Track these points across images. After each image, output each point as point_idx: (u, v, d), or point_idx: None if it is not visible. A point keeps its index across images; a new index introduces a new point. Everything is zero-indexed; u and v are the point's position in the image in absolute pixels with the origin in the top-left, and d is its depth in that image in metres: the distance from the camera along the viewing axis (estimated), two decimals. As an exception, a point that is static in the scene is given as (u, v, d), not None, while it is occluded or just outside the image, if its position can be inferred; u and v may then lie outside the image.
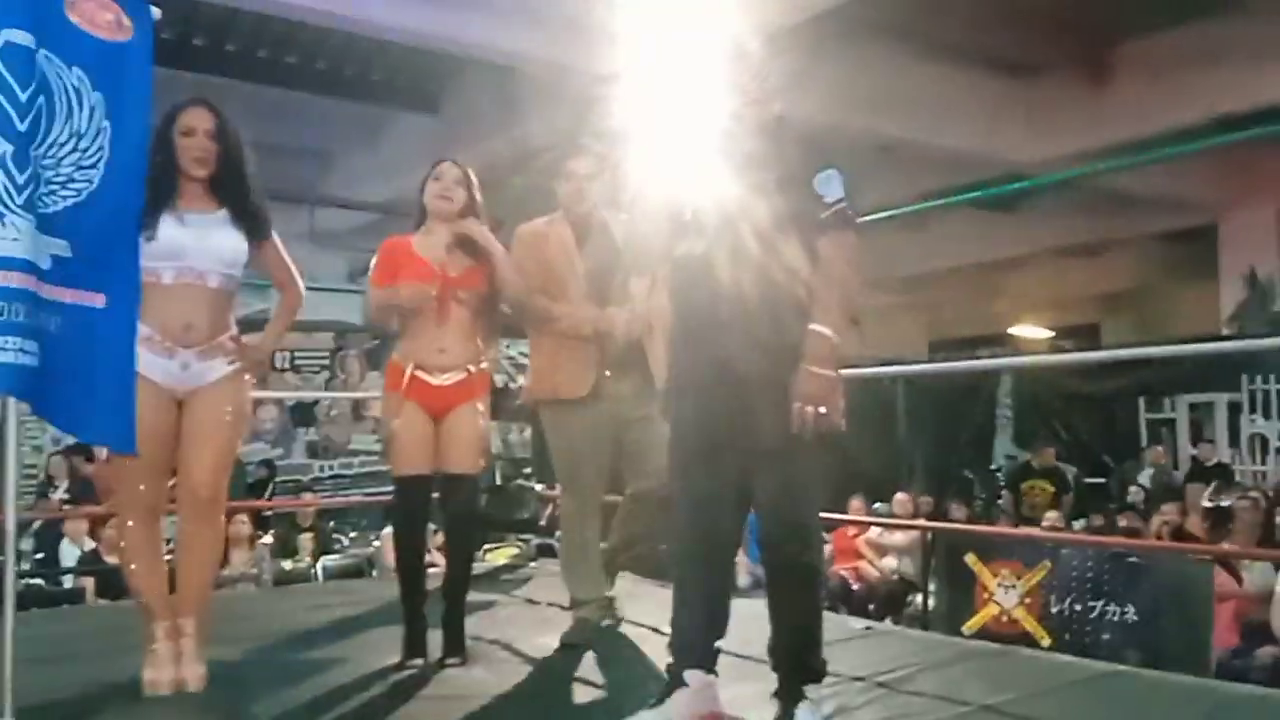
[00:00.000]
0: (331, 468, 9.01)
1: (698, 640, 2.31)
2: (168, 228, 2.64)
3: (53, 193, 2.41)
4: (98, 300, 2.48)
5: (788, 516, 2.30)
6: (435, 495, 3.11)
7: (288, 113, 9.62)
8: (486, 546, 5.61)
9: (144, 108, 2.61)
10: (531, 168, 7.66)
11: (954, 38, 8.56)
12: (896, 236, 12.24)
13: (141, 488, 2.66)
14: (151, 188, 2.64)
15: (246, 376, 2.80)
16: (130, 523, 2.71)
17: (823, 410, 2.16)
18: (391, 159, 10.18)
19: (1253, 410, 9.92)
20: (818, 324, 2.20)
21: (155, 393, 2.62)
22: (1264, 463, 9.80)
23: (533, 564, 4.81)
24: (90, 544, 5.98)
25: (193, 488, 2.67)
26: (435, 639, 2.97)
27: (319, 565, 6.39)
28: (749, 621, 2.40)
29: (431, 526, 3.39)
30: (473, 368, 3.03)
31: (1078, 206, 11.60)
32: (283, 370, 8.56)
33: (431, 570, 3.14)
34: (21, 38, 2.29)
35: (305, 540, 6.66)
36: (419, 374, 2.97)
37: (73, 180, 2.45)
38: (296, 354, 8.66)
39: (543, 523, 5.04)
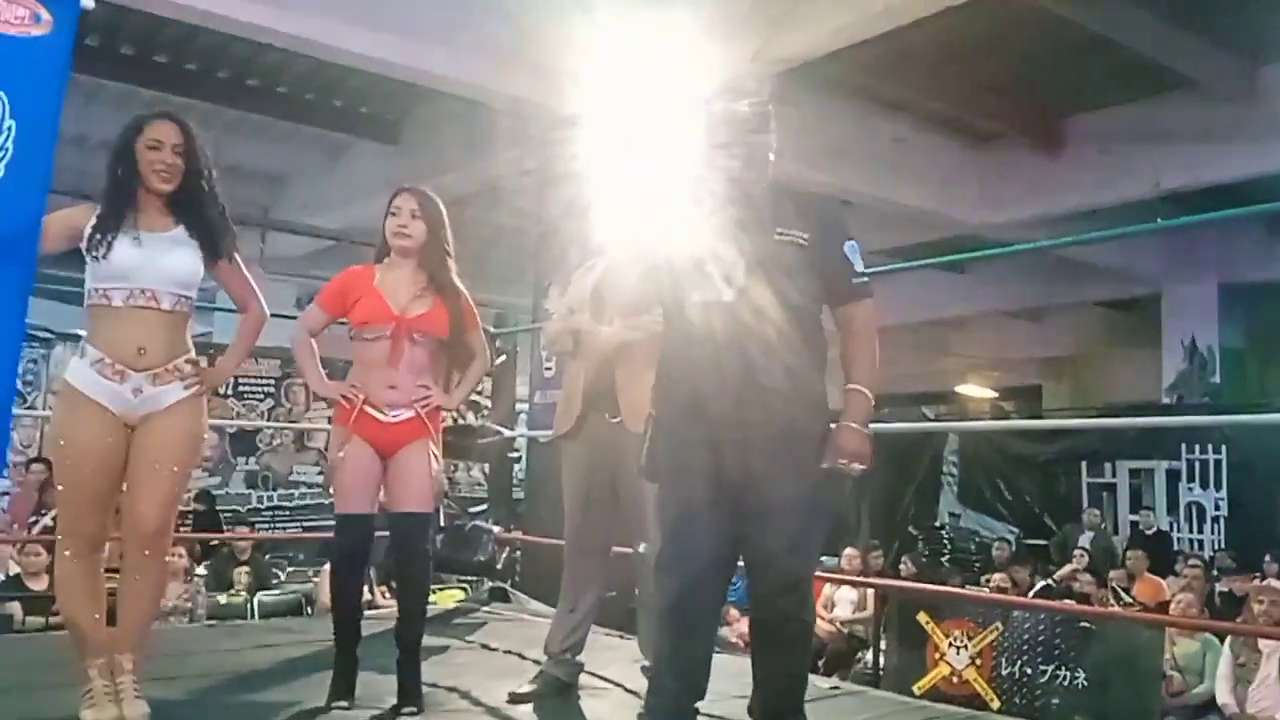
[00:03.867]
0: (271, 499, 8.73)
1: (675, 705, 2.23)
2: (122, 247, 2.50)
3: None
4: None
5: (786, 573, 2.24)
6: (384, 533, 3.00)
7: (244, 134, 9.46)
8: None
9: (55, 105, 2.48)
10: (497, 204, 7.65)
11: (913, 100, 8.74)
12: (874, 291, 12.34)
13: (83, 517, 2.51)
14: (108, 203, 2.52)
15: (204, 402, 2.68)
16: (68, 553, 2.54)
17: (861, 467, 2.22)
18: (348, 186, 10.04)
19: (1190, 479, 10.13)
20: (857, 384, 2.27)
21: (104, 418, 2.48)
22: (1200, 531, 9.99)
23: (485, 609, 4.66)
24: (15, 568, 5.68)
25: (139, 519, 2.52)
26: (380, 682, 2.84)
27: (254, 600, 6.16)
28: (724, 679, 2.33)
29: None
30: (423, 407, 2.93)
31: (1024, 271, 11.88)
32: (225, 396, 8.31)
33: (372, 612, 3.03)
34: None
35: (241, 574, 6.42)
36: (368, 410, 2.87)
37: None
38: (240, 380, 8.44)
39: (499, 566, 4.90)
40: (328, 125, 9.41)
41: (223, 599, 6.10)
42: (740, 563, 2.35)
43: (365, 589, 5.26)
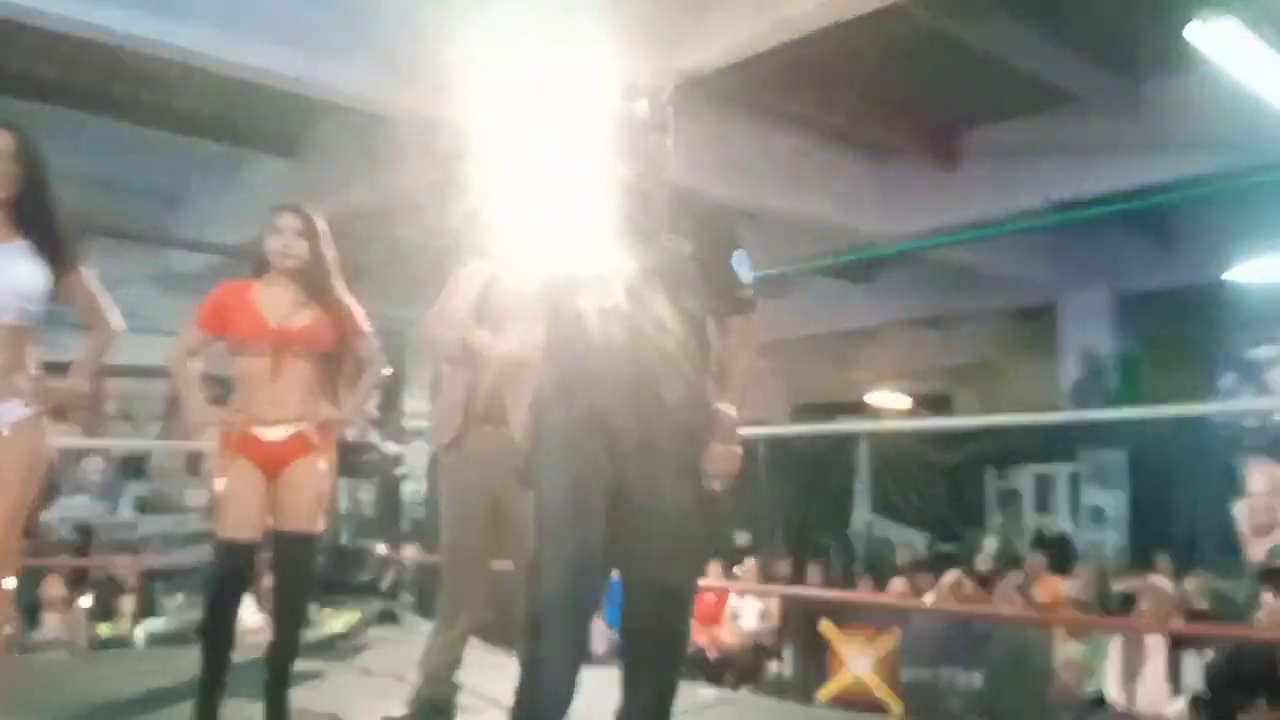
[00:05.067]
0: (164, 523, 8.44)
1: (540, 717, 2.17)
2: None
3: None
4: None
5: (667, 582, 2.20)
6: (270, 555, 2.92)
7: (138, 149, 9.15)
8: (325, 611, 5.31)
9: None
10: (398, 218, 7.52)
11: (812, 115, 8.86)
12: (759, 303, 12.48)
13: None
14: None
15: (44, 421, 2.55)
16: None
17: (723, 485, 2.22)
18: (246, 201, 9.78)
19: (1091, 481, 10.43)
20: (724, 404, 2.23)
21: (-63, 441, 2.35)
22: (1102, 532, 10.28)
23: (372, 631, 4.54)
24: None
25: (-25, 544, 2.39)
26: (249, 709, 2.75)
27: (140, 629, 5.93)
28: (601, 691, 2.28)
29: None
30: (309, 424, 2.85)
31: (927, 281, 12.13)
32: (113, 418, 8.02)
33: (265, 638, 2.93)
34: None
35: (126, 602, 6.17)
36: (252, 430, 2.78)
37: None
38: (131, 401, 8.16)
39: (384, 586, 4.79)
40: (226, 139, 9.17)
41: (105, 629, 5.86)
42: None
43: (261, 613, 5.08)
